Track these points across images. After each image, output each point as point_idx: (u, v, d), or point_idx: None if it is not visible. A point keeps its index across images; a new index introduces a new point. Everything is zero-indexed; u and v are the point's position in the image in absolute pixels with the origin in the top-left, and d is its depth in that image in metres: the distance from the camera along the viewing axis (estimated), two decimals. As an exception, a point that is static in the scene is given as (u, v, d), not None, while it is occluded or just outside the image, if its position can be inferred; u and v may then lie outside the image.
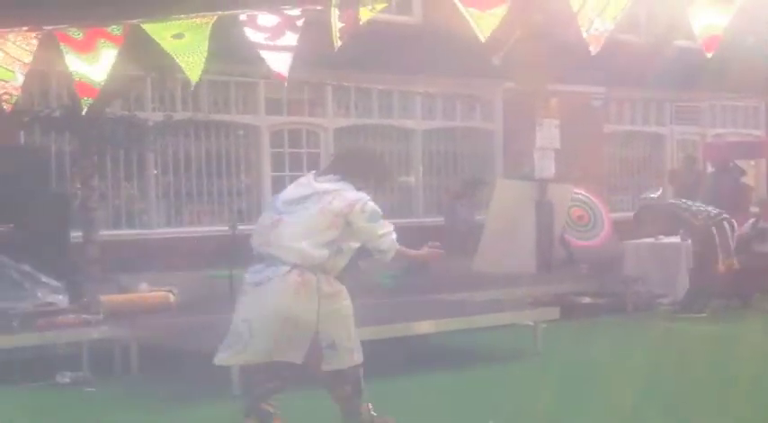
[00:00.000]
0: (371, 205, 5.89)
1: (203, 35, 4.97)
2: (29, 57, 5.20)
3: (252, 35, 5.01)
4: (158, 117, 13.21)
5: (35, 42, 5.20)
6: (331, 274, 5.90)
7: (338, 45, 4.84)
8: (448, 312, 9.63)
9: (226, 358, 6.04)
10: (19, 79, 5.20)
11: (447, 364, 8.70)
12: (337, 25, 4.79)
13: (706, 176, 16.62)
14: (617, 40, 4.48)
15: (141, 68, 11.25)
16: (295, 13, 5.00)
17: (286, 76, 5.06)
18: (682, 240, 12.83)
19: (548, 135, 14.12)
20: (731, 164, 16.28)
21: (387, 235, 5.92)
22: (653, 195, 14.38)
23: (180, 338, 8.61)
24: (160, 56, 5.36)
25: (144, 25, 5.02)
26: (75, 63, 5.14)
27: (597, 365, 9.02)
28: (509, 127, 16.57)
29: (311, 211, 5.81)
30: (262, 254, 5.94)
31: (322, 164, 15.13)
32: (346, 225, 5.82)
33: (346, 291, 6.01)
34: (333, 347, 5.91)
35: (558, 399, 7.48)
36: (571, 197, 14.83)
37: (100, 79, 5.14)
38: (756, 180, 19.00)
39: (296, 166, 15.05)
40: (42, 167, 11.89)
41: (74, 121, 11.81)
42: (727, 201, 13.48)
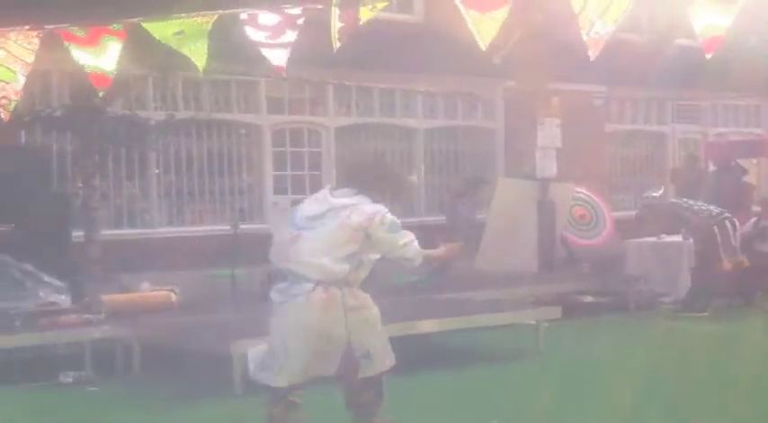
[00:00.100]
0: (390, 217, 5.93)
1: (204, 32, 4.97)
2: (31, 56, 5.18)
3: (252, 34, 5.01)
4: (160, 116, 13.19)
5: (37, 41, 5.18)
6: (354, 286, 5.93)
7: (337, 46, 4.83)
8: (449, 311, 9.63)
9: (264, 378, 6.05)
10: (20, 81, 5.18)
11: (448, 364, 8.70)
12: (337, 25, 4.78)
13: (708, 175, 16.61)
14: (618, 39, 4.47)
15: (143, 67, 11.25)
16: (296, 12, 5.00)
17: (284, 68, 5.05)
18: (683, 239, 12.83)
19: (549, 134, 14.12)
20: (733, 163, 16.27)
21: (410, 243, 5.97)
22: (655, 194, 14.38)
23: (182, 338, 8.62)
24: (162, 54, 5.35)
25: (144, 24, 5.02)
26: (82, 57, 5.14)
27: (599, 365, 9.02)
28: (510, 126, 16.55)
29: (330, 227, 5.83)
30: (282, 270, 5.97)
31: (323, 163, 15.17)
32: (366, 238, 5.85)
33: (371, 299, 6.04)
34: (368, 357, 5.97)
35: (560, 398, 7.48)
36: (572, 196, 14.83)
37: (111, 68, 5.14)
38: (758, 179, 18.96)
39: (297, 166, 15.04)
40: (44, 167, 11.89)
41: (75, 121, 11.82)
42: (728, 200, 13.48)
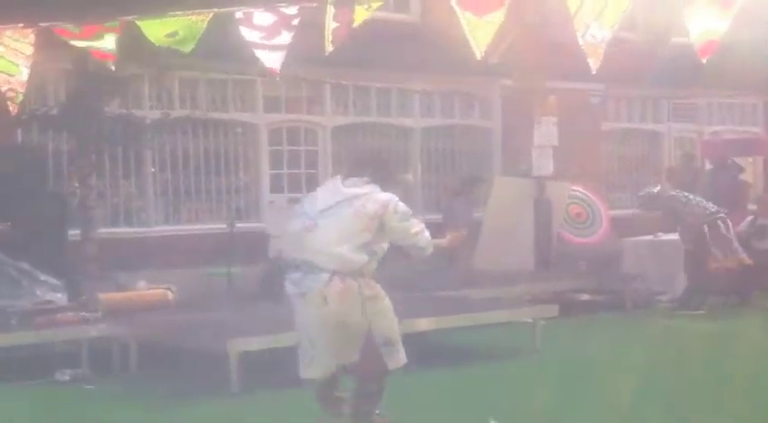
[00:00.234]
0: (402, 205, 5.99)
1: (198, 32, 4.97)
2: (29, 49, 5.22)
3: (247, 34, 5.00)
4: (156, 115, 13.17)
5: (33, 37, 5.21)
6: (367, 277, 5.96)
7: (330, 49, 4.83)
8: (447, 309, 9.63)
9: (303, 372, 6.10)
10: (23, 73, 5.23)
11: (446, 362, 8.69)
12: (331, 25, 4.78)
13: (704, 174, 16.60)
14: (615, 38, 4.46)
15: (139, 66, 11.24)
16: (291, 12, 4.99)
17: (278, 70, 5.06)
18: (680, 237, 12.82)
19: (546, 132, 14.12)
20: (729, 161, 16.26)
21: (421, 232, 6.04)
22: (654, 190, 14.38)
23: (178, 336, 8.61)
24: (158, 53, 5.36)
25: (138, 22, 5.02)
26: (81, 43, 5.18)
27: (596, 363, 9.02)
28: (507, 124, 16.54)
29: (345, 216, 5.86)
30: (296, 260, 5.97)
31: (320, 162, 15.16)
32: (380, 227, 5.89)
33: (382, 289, 6.06)
34: (390, 344, 6.00)
35: (557, 396, 7.49)
36: (569, 194, 14.84)
37: (111, 47, 5.16)
38: (754, 177, 18.96)
39: (294, 164, 15.03)
40: (40, 166, 11.86)
41: (71, 120, 11.80)
42: (725, 198, 13.47)
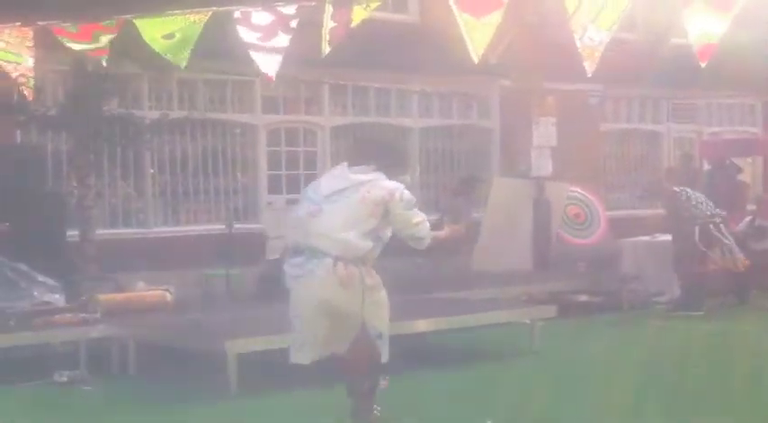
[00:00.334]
0: (408, 194, 6.03)
1: (195, 33, 4.96)
2: (29, 42, 5.25)
3: (245, 35, 4.98)
4: (155, 115, 13.17)
5: (31, 35, 5.22)
6: (369, 265, 5.97)
7: (326, 50, 4.81)
8: (445, 311, 9.63)
9: (292, 357, 6.10)
10: (29, 61, 5.25)
11: (444, 363, 8.70)
12: (329, 25, 4.77)
13: (702, 174, 16.62)
14: (614, 38, 4.45)
15: (138, 66, 11.23)
16: (289, 12, 4.98)
17: (273, 78, 5.05)
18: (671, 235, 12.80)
19: (544, 133, 14.14)
20: (727, 161, 16.28)
21: (422, 223, 6.07)
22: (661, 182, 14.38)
23: (177, 337, 8.61)
24: (156, 53, 5.35)
25: (136, 21, 5.01)
26: (76, 45, 5.19)
27: (593, 363, 9.02)
28: (506, 125, 16.54)
29: (351, 202, 5.89)
30: (300, 245, 5.98)
31: (319, 162, 15.16)
32: (384, 213, 5.92)
33: (381, 281, 6.08)
34: (382, 338, 6.02)
35: (555, 397, 7.49)
36: (567, 195, 14.85)
37: (106, 44, 5.18)
38: (753, 177, 18.98)
39: (292, 165, 15.03)
40: (38, 166, 11.86)
41: (70, 120, 11.79)
42: (723, 198, 13.47)
